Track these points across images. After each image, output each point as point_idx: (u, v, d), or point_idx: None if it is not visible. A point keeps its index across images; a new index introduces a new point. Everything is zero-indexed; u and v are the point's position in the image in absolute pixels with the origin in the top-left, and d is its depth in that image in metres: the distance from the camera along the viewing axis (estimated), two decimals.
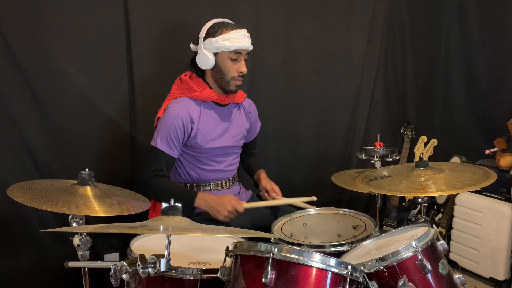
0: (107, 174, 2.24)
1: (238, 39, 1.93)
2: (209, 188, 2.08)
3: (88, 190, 1.58)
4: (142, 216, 1.72)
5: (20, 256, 2.20)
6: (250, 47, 2.00)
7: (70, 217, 1.55)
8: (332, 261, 1.27)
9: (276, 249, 1.25)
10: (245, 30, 1.98)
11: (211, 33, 1.94)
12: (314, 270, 1.26)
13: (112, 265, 1.23)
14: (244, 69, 1.99)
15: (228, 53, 1.94)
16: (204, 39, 1.95)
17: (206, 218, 1.91)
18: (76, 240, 1.54)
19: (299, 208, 2.05)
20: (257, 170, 2.27)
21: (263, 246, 1.28)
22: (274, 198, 2.09)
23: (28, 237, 2.20)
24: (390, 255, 1.36)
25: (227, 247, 1.39)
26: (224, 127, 2.08)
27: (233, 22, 2.00)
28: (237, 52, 1.95)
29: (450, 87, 3.14)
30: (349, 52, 2.96)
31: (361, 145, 2.49)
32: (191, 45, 2.02)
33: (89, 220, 1.70)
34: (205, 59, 1.95)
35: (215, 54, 1.95)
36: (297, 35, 2.77)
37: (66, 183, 1.63)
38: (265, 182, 2.16)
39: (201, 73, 2.03)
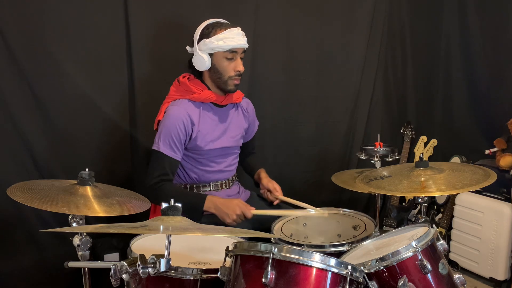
0: (107, 174, 2.25)
1: (233, 38, 1.92)
2: (209, 189, 2.07)
3: (88, 190, 1.58)
4: (142, 216, 1.71)
5: (20, 256, 2.19)
6: (246, 45, 1.99)
7: (70, 217, 1.55)
8: (332, 261, 1.27)
9: (276, 249, 1.25)
10: (239, 29, 1.97)
11: (205, 34, 1.93)
12: (314, 270, 1.26)
13: (112, 265, 1.23)
14: (241, 68, 1.98)
15: (223, 53, 1.94)
16: (199, 40, 1.94)
17: (211, 222, 1.90)
18: (76, 240, 1.54)
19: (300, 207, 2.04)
20: (256, 170, 2.26)
21: (263, 246, 1.28)
22: (276, 198, 2.09)
23: (28, 237, 2.20)
24: (390, 255, 1.36)
25: (227, 247, 1.39)
26: (223, 128, 2.07)
27: (227, 22, 1.99)
28: (233, 51, 1.94)
29: (450, 87, 3.14)
30: (349, 52, 2.96)
31: (361, 145, 2.49)
32: (187, 48, 2.02)
33: (89, 220, 1.70)
34: (201, 61, 1.94)
35: (211, 55, 1.94)
36: (297, 35, 2.77)
37: (66, 183, 1.63)
38: (267, 181, 2.15)
39: (198, 74, 2.02)
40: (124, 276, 1.24)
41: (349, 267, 1.28)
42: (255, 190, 2.27)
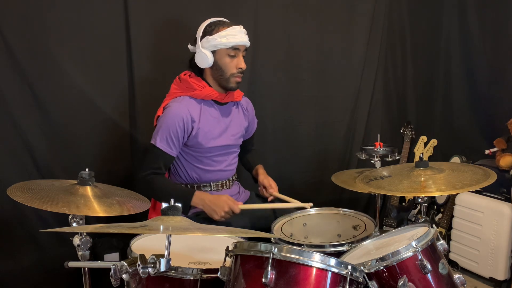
0: (107, 174, 2.24)
1: (235, 35, 1.94)
2: (209, 189, 2.07)
3: (88, 190, 1.58)
4: (142, 216, 1.72)
5: (20, 256, 2.19)
6: (248, 43, 2.01)
7: (70, 217, 1.55)
8: (332, 261, 1.27)
9: (276, 249, 1.25)
10: (241, 27, 1.99)
11: (208, 31, 1.95)
12: (314, 270, 1.26)
13: (112, 265, 1.23)
14: (243, 65, 1.99)
15: (226, 50, 1.95)
16: (202, 38, 1.95)
17: (204, 218, 1.91)
18: (76, 240, 1.54)
19: (299, 208, 2.04)
20: (255, 166, 2.28)
21: (263, 246, 1.28)
22: (271, 195, 2.10)
23: (28, 237, 2.19)
24: (390, 255, 1.36)
25: (227, 247, 1.39)
26: (224, 125, 2.08)
27: (229, 21, 2.00)
28: (235, 48, 1.96)
29: (450, 87, 3.14)
30: (349, 52, 2.96)
31: (361, 145, 2.49)
32: (189, 46, 2.03)
33: (89, 220, 1.70)
34: (204, 58, 1.95)
35: (213, 52, 1.95)
36: (297, 35, 2.77)
37: (66, 183, 1.63)
38: (263, 177, 2.17)
39: (199, 72, 2.03)
40: (124, 276, 1.24)
41: (349, 267, 1.28)
42: (255, 189, 2.27)
